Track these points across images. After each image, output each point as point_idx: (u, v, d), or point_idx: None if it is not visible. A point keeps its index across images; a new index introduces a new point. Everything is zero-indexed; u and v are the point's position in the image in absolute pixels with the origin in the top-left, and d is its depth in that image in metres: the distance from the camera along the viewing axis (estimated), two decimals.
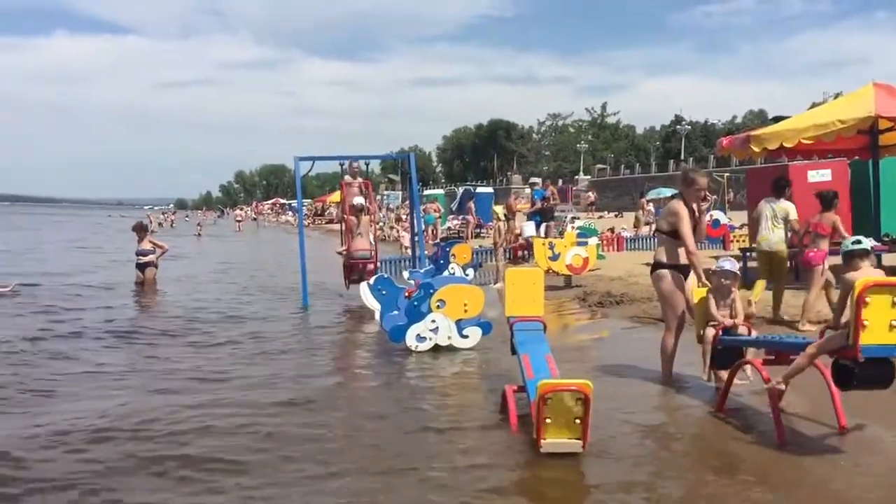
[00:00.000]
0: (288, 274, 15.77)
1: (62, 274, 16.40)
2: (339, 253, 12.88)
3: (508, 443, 4.96)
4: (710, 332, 5.83)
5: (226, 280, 16.23)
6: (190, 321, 10.20)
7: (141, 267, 14.34)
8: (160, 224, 49.72)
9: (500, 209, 16.06)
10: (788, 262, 9.42)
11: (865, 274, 4.63)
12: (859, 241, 5.02)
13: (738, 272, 6.10)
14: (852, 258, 4.93)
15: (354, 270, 12.28)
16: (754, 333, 5.91)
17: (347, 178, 12.75)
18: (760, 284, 9.19)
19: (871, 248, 5.11)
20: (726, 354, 5.70)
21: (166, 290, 13.82)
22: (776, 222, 9.04)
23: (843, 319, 4.44)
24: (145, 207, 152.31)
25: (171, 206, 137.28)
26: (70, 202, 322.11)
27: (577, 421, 4.40)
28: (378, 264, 12.80)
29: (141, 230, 14.60)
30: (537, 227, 17.23)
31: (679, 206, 6.23)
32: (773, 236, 9.06)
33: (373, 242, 12.58)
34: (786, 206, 9.10)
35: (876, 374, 4.30)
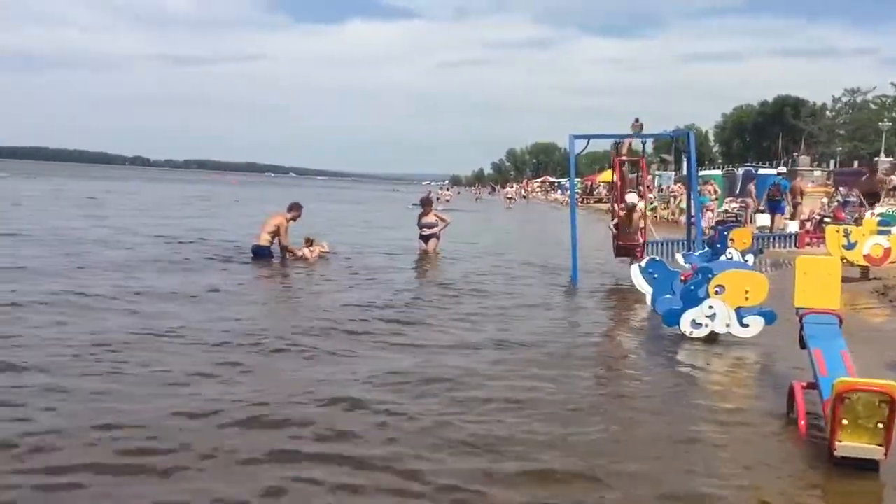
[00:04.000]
0: (556, 250, 15.95)
1: (360, 243, 17.79)
2: (611, 228, 13.06)
3: (794, 445, 4.65)
4: None
5: (496, 254, 16.71)
6: (461, 292, 10.59)
7: (424, 238, 15.33)
8: (447, 199, 52.38)
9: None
10: None
11: None
12: None
13: None
14: None
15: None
16: None
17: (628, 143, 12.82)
18: None
19: None
20: None
21: (445, 262, 14.57)
22: None
23: None
24: (423, 183, 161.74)
25: (447, 181, 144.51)
26: (356, 176, 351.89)
27: (880, 425, 4.02)
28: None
29: (427, 204, 15.59)
30: (772, 214, 15.67)
31: None
32: None
33: (641, 233, 12.71)
34: None
35: None
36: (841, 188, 24.24)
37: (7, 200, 27.76)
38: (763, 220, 22.20)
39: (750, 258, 13.13)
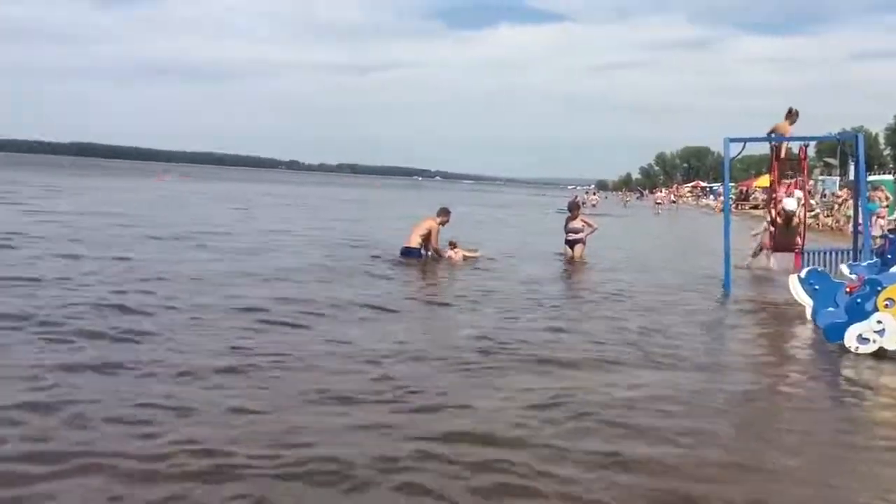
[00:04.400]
0: (708, 259, 15.45)
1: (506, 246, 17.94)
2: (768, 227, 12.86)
3: None
4: None
5: (644, 260, 16.37)
6: (607, 300, 10.45)
7: (570, 244, 15.24)
8: (594, 204, 51.73)
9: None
10: None
11: None
12: None
13: None
14: None
15: None
16: None
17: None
18: None
19: None
20: None
21: (592, 268, 14.40)
22: None
23: None
24: (569, 187, 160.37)
25: (593, 186, 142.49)
26: (502, 180, 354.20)
27: None
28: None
29: (574, 208, 15.51)
30: None
31: None
32: None
33: (800, 236, 12.29)
34: None
35: None
36: None
37: (176, 203, 30.13)
38: None
39: None
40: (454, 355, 6.67)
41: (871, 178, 39.16)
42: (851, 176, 18.86)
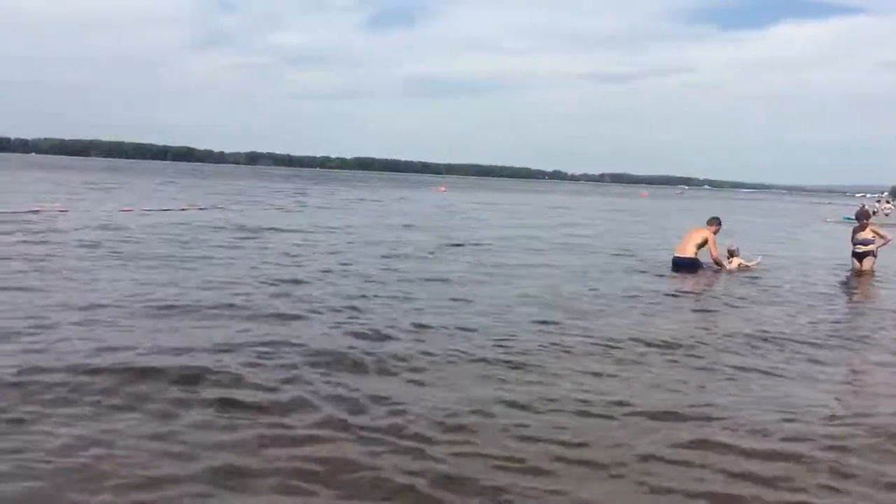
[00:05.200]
0: None
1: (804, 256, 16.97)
2: None
3: None
4: None
5: None
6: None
7: (858, 256, 14.29)
8: (886, 213, 46.75)
9: None
10: None
11: None
12: None
13: None
14: None
15: None
16: None
17: None
18: None
19: None
20: None
21: (882, 283, 13.32)
22: None
23: None
24: (857, 195, 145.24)
25: (885, 193, 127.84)
26: (781, 188, 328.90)
27: None
28: None
29: (863, 218, 14.55)
30: None
31: None
32: None
33: None
34: None
35: None
36: None
37: (460, 214, 32.18)
38: None
39: None
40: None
41: None
42: None
